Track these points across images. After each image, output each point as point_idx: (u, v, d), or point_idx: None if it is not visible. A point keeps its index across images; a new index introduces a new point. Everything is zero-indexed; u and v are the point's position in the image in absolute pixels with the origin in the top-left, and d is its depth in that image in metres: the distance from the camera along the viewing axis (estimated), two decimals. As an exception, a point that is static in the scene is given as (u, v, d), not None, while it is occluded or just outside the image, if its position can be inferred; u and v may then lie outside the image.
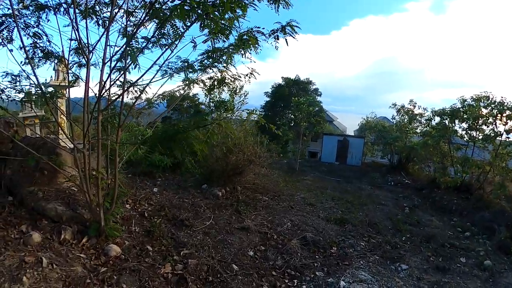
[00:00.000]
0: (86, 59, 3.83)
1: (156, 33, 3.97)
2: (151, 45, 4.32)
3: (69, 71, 4.57)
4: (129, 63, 4.09)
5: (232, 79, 4.87)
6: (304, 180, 13.18)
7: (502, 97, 13.09)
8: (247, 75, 4.78)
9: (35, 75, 3.89)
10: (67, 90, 4.69)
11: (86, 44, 3.84)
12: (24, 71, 4.09)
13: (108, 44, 3.85)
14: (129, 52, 3.89)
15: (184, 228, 5.54)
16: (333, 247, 6.32)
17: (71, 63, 4.62)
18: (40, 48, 4.31)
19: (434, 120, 15.99)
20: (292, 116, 24.74)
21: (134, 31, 3.94)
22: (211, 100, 10.01)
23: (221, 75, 4.73)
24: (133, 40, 4.04)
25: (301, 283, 4.83)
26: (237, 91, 9.66)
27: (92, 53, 3.97)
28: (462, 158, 13.63)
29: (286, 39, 4.02)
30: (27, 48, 3.97)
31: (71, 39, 4.16)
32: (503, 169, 12.62)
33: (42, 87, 4.05)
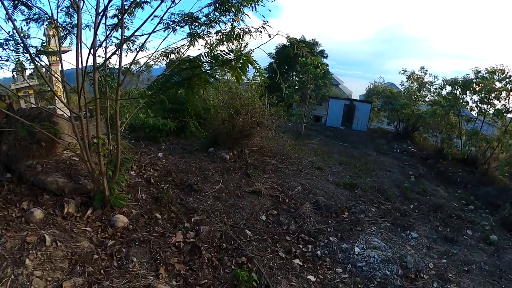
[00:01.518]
0: (75, 7, 3.33)
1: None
2: None
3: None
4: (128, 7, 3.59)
5: (243, 33, 4.34)
6: (310, 144, 12.96)
7: None
8: (258, 29, 4.25)
9: (19, 35, 3.42)
10: (60, 54, 4.20)
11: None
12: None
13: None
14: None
15: (193, 193, 5.31)
16: (345, 212, 6.23)
17: (61, 24, 4.11)
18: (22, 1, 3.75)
19: (445, 90, 15.63)
20: (296, 78, 23.92)
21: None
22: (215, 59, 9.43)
23: (231, 25, 4.19)
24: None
25: (315, 248, 4.72)
26: (242, 48, 9.05)
27: (83, 1, 3.45)
28: (471, 131, 13.38)
29: None
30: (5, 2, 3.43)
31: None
32: (511, 146, 12.43)
33: (30, 50, 3.58)
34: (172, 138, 8.63)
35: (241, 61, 2.68)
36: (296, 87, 20.61)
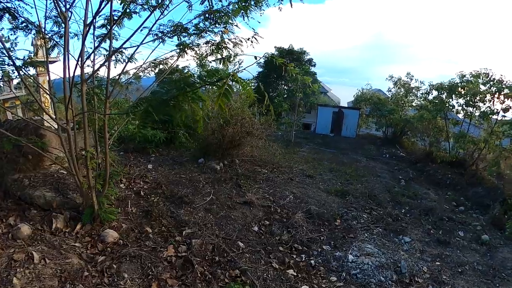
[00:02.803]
0: (63, 18, 3.29)
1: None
2: (139, 8, 3.79)
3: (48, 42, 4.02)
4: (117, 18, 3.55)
5: (233, 43, 4.35)
6: (300, 151, 12.99)
7: (501, 75, 13.10)
8: (248, 39, 4.27)
9: (3, 44, 3.35)
10: (47, 65, 4.13)
11: (64, 1, 3.28)
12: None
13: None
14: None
15: (184, 206, 5.23)
16: (337, 220, 6.23)
17: (49, 33, 4.05)
18: (6, 9, 3.67)
19: (432, 94, 15.88)
20: (285, 87, 24.08)
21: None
22: (203, 70, 9.44)
23: (221, 37, 4.20)
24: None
25: (309, 257, 4.69)
26: (231, 59, 9.06)
27: (71, 12, 3.42)
28: (459, 133, 13.70)
29: (290, 0, 3.55)
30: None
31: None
32: (497, 147, 12.77)
33: (14, 60, 3.50)
34: (161, 149, 8.54)
35: (225, 87, 2.67)
36: (285, 96, 20.74)
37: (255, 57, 3.27)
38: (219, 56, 4.56)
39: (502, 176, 12.01)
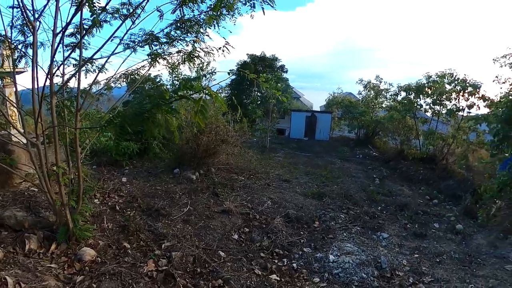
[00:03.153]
0: (31, 28, 3.17)
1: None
2: (109, 16, 3.72)
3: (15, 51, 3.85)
4: (88, 27, 3.46)
5: (204, 52, 4.36)
6: (275, 157, 13.13)
7: (465, 74, 13.86)
8: (220, 48, 4.30)
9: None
10: (13, 76, 3.94)
11: (32, 11, 3.17)
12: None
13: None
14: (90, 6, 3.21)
15: (161, 218, 5.13)
16: (316, 222, 6.33)
17: (15, 42, 3.88)
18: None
19: (400, 95, 16.69)
20: (259, 93, 24.31)
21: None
22: (176, 79, 9.35)
23: (192, 46, 4.20)
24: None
25: (290, 261, 4.73)
26: (204, 67, 9.07)
27: (39, 21, 3.30)
28: (428, 131, 14.50)
29: (263, 8, 3.62)
30: None
31: (12, 7, 3.44)
32: (465, 141, 13.61)
33: None
34: (135, 161, 8.33)
35: (201, 103, 2.68)
36: (259, 102, 20.90)
37: (228, 73, 3.32)
38: (191, 65, 4.56)
39: (471, 168, 12.74)
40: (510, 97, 13.57)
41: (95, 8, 3.26)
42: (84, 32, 3.59)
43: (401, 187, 10.40)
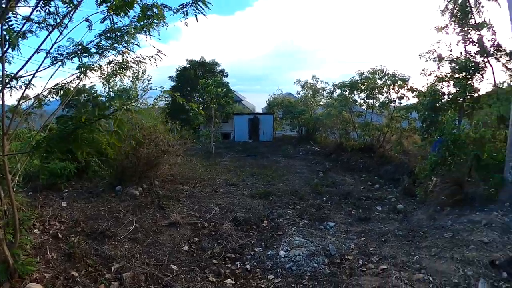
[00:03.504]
0: None
1: (42, 11, 3.21)
2: (35, 26, 3.52)
3: None
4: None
5: (136, 62, 4.30)
6: (222, 162, 13.23)
7: (394, 69, 15.46)
8: (152, 56, 4.28)
9: None
10: None
11: None
12: None
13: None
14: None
15: (107, 240, 4.96)
16: (264, 221, 6.58)
17: None
18: None
19: (336, 93, 18.02)
20: (200, 99, 24.23)
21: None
22: (111, 90, 8.99)
23: (122, 57, 4.11)
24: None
25: (243, 263, 4.90)
26: (140, 76, 8.84)
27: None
28: (363, 123, 15.83)
29: (196, 16, 3.71)
30: None
31: None
32: (398, 129, 15.13)
33: None
34: (74, 182, 7.81)
35: (117, 125, 2.69)
36: (201, 107, 20.82)
37: (161, 91, 3.40)
38: (123, 76, 4.47)
39: (407, 152, 14.14)
40: (434, 87, 15.52)
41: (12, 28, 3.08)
42: (8, 45, 3.33)
43: (343, 177, 11.14)
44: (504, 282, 3.98)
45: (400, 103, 15.61)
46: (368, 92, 15.86)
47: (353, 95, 16.49)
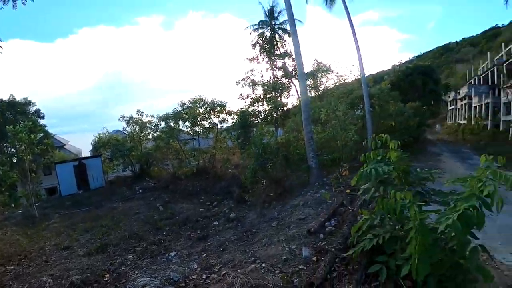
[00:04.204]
0: None
1: None
2: None
3: None
4: None
5: None
6: (50, 224, 12.13)
7: (212, 97, 18.00)
8: None
9: None
10: None
11: None
12: None
13: None
14: None
15: None
16: (105, 275, 6.61)
17: None
18: None
19: (161, 125, 19.22)
20: (12, 149, 20.59)
21: None
22: None
23: None
24: None
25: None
26: None
27: None
28: (191, 149, 17.77)
29: None
30: None
31: None
32: (225, 148, 17.86)
33: None
34: None
35: None
36: (15, 161, 17.98)
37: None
38: None
39: (238, 166, 16.52)
40: (250, 107, 19.72)
41: None
42: None
43: (182, 205, 11.84)
44: (321, 241, 4.93)
45: (222, 125, 18.28)
46: (192, 120, 17.75)
47: (178, 125, 18.15)
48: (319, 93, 22.96)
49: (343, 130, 13.05)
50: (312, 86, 23.04)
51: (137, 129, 21.21)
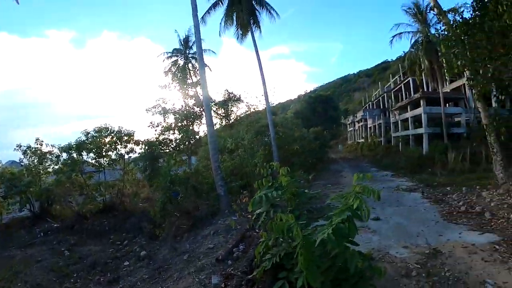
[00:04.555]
0: None
1: None
2: None
3: None
4: None
5: None
6: None
7: (119, 126, 16.80)
8: None
9: None
10: None
11: None
12: None
13: None
14: None
15: None
16: None
17: None
18: None
19: (63, 156, 17.29)
20: None
21: None
22: None
23: None
24: None
25: None
26: None
27: None
28: (96, 183, 16.26)
29: None
30: None
31: None
32: (134, 180, 16.55)
33: None
34: None
35: None
36: None
37: None
38: None
39: (150, 199, 15.62)
40: (150, 139, 18.59)
41: None
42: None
43: (89, 247, 10.95)
44: (229, 267, 4.98)
45: (130, 156, 17.21)
46: (97, 151, 16.28)
47: (81, 157, 16.39)
48: (230, 121, 24.46)
49: (250, 156, 13.78)
50: (223, 115, 24.44)
51: (35, 161, 18.55)
